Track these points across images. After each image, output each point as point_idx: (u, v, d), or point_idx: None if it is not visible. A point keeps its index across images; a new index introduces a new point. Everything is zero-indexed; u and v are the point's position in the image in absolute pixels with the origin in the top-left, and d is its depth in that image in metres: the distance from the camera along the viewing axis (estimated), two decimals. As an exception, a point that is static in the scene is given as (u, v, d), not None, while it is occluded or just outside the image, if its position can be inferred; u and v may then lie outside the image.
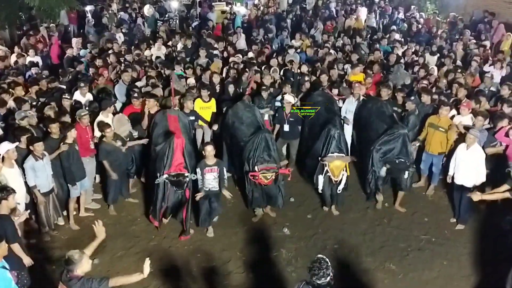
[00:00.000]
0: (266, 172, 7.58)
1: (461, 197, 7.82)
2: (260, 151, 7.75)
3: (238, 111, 8.84)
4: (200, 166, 7.40)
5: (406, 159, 7.91)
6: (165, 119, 8.45)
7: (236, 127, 8.64)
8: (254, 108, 9.07)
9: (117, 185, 8.27)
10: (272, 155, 7.82)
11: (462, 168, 7.71)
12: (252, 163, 7.70)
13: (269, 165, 7.67)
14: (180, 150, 7.35)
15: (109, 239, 7.64)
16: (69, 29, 18.23)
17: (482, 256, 7.29)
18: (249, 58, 12.62)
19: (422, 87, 9.93)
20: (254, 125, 8.60)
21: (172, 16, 19.66)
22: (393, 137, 7.97)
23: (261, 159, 7.72)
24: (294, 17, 19.61)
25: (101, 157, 7.94)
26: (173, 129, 8.12)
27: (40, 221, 7.54)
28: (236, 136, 8.56)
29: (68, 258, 4.62)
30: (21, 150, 7.12)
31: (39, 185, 7.17)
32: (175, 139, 7.35)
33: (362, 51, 13.70)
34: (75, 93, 9.64)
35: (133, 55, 12.54)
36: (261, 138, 7.80)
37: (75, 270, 4.62)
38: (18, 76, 10.54)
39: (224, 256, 7.32)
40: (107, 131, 7.86)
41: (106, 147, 7.92)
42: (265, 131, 8.07)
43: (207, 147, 7.47)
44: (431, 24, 18.29)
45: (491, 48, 15.19)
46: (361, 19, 19.22)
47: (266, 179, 7.58)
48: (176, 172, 7.30)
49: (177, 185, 7.37)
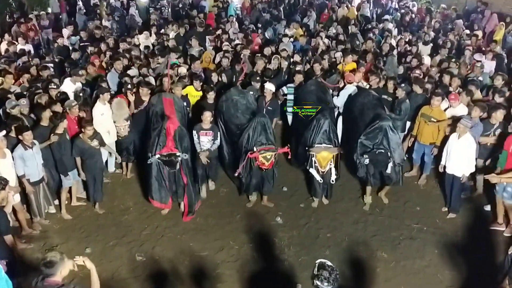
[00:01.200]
0: (265, 152, 7.54)
1: (452, 186, 7.86)
2: (257, 134, 7.74)
3: (232, 98, 8.78)
4: (196, 129, 8.05)
5: (386, 151, 7.70)
6: (160, 102, 8.54)
7: (231, 113, 8.59)
8: (247, 94, 9.05)
9: (92, 185, 7.92)
10: (269, 138, 7.80)
11: (453, 158, 7.74)
12: (250, 145, 7.70)
13: (267, 146, 7.66)
14: (171, 132, 7.41)
15: (102, 228, 7.69)
16: (60, 17, 18.03)
17: (474, 245, 7.35)
18: (238, 44, 12.54)
19: (415, 77, 9.93)
20: (249, 111, 8.61)
21: (164, 4, 19.47)
22: (373, 128, 7.82)
23: (259, 142, 7.71)
24: (287, 6, 19.47)
25: (74, 153, 7.65)
26: (168, 112, 8.15)
27: (31, 210, 7.50)
28: (231, 122, 8.52)
29: (48, 261, 4.09)
30: (11, 139, 7.06)
31: (28, 174, 7.12)
32: (167, 122, 7.43)
33: (357, 41, 13.66)
34: (64, 80, 9.53)
35: (125, 43, 12.42)
36: (257, 122, 7.77)
37: (56, 275, 4.12)
38: (10, 64, 10.43)
39: (217, 245, 7.32)
40: (88, 129, 7.60)
41: (80, 145, 7.62)
42: (261, 115, 8.04)
43: (205, 113, 8.04)
44: (424, 14, 18.27)
45: (484, 38, 15.22)
46: (354, 8, 19.18)
47: (266, 161, 7.54)
48: (168, 152, 7.41)
49: (170, 165, 7.49)
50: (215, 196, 8.62)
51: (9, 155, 6.90)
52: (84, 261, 4.37)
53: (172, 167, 7.53)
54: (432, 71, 10.75)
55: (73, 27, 15.05)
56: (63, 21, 17.63)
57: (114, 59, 10.54)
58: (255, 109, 8.76)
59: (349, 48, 12.34)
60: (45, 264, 4.09)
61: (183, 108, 8.90)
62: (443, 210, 8.19)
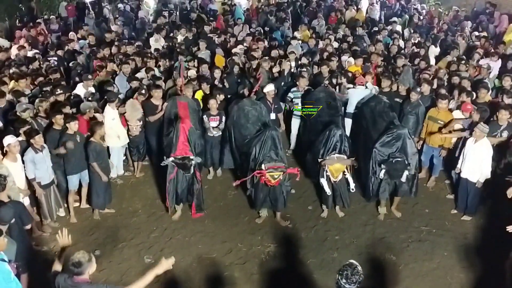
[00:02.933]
0: (274, 171, 7.23)
1: (468, 190, 7.81)
2: (267, 149, 7.45)
3: (244, 108, 8.53)
4: (206, 114, 8.81)
5: (404, 159, 7.49)
6: (175, 105, 8.65)
7: (242, 124, 8.40)
8: (260, 105, 8.75)
9: (104, 189, 7.91)
10: (279, 154, 7.51)
11: (468, 162, 7.68)
12: (259, 161, 7.40)
13: (276, 164, 7.32)
14: (184, 134, 7.47)
15: (110, 230, 7.72)
16: (68, 21, 18.17)
17: (483, 247, 7.30)
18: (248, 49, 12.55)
19: (424, 78, 9.89)
20: (260, 122, 8.38)
21: (173, 8, 19.56)
22: (391, 137, 7.59)
23: (268, 157, 7.40)
24: (297, 8, 19.42)
25: (91, 159, 7.58)
26: (183, 115, 8.21)
27: (42, 213, 7.56)
28: (241, 134, 8.36)
29: (77, 261, 4.24)
30: (21, 143, 7.12)
31: (39, 177, 7.19)
32: (180, 124, 7.48)
33: (364, 43, 13.62)
34: (77, 85, 9.62)
35: (133, 47, 12.48)
36: (267, 135, 7.49)
37: (85, 273, 4.29)
38: (21, 67, 10.54)
39: (225, 247, 7.33)
40: (99, 128, 7.62)
41: (96, 148, 7.59)
42: (272, 128, 7.76)
43: (210, 101, 8.75)
44: (433, 16, 18.20)
45: (493, 39, 15.12)
46: (363, 10, 19.14)
47: (273, 179, 7.24)
48: (182, 155, 7.43)
49: (183, 168, 7.51)
50: (223, 199, 8.64)
51: (19, 159, 6.98)
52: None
53: (186, 171, 7.56)
54: (441, 72, 10.69)
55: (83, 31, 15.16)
56: (71, 25, 17.78)
57: (122, 63, 10.60)
58: (266, 121, 8.54)
59: (358, 50, 12.28)
60: (73, 264, 4.25)
61: (198, 111, 8.97)
62: (452, 213, 8.15)
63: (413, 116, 8.88)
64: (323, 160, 7.47)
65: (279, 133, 7.75)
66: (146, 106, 8.98)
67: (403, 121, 8.90)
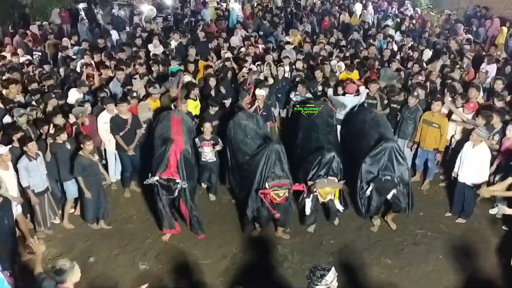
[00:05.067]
0: (278, 189, 6.84)
1: (465, 193, 7.84)
2: (271, 165, 7.00)
3: (241, 122, 8.08)
4: (199, 138, 8.22)
5: (394, 177, 7.16)
6: (168, 120, 8.10)
7: (241, 139, 7.91)
8: (256, 118, 8.38)
9: (94, 203, 7.67)
10: (284, 169, 7.09)
11: (465, 166, 7.70)
12: (263, 179, 7.00)
13: (281, 181, 6.92)
14: (175, 156, 7.07)
15: (105, 237, 7.69)
16: (62, 27, 18.15)
17: (478, 250, 7.32)
18: (242, 53, 12.55)
19: (417, 82, 9.93)
20: (259, 136, 7.92)
21: (168, 13, 19.58)
22: (378, 150, 7.24)
23: (273, 174, 6.99)
24: (289, 14, 19.50)
25: (76, 172, 7.32)
26: (175, 132, 7.76)
27: (35, 220, 7.54)
28: (241, 150, 7.85)
29: (59, 268, 4.28)
30: (14, 150, 7.11)
31: (33, 185, 7.16)
32: (172, 145, 7.11)
33: (360, 47, 13.67)
34: (70, 90, 9.59)
35: (126, 53, 12.45)
36: (271, 150, 7.02)
37: (67, 281, 4.29)
38: (14, 73, 10.51)
39: (220, 252, 7.32)
40: (87, 144, 7.32)
41: (82, 162, 7.32)
42: (275, 142, 7.32)
43: (205, 124, 8.19)
44: (425, 19, 18.30)
45: (485, 42, 15.23)
46: (357, 14, 19.25)
47: (278, 197, 6.86)
48: (168, 176, 6.98)
49: (167, 190, 7.05)
50: (218, 204, 8.63)
51: (11, 167, 6.94)
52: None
53: (169, 193, 7.09)
54: (433, 75, 10.73)
55: (77, 37, 15.13)
56: (65, 32, 17.76)
57: (116, 69, 10.57)
58: (266, 134, 8.15)
59: (348, 56, 12.30)
60: (55, 272, 4.27)
61: (192, 127, 8.60)
62: (446, 215, 8.18)
63: (412, 122, 8.90)
64: (313, 184, 7.07)
65: (282, 146, 7.25)
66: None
67: (402, 126, 8.98)
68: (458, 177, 7.89)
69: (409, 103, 8.96)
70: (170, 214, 7.38)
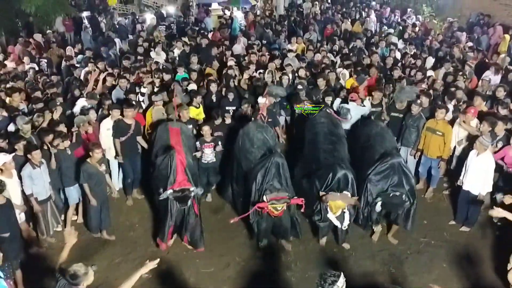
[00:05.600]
0: (276, 202, 6.73)
1: (469, 202, 7.81)
2: (270, 177, 6.94)
3: (249, 132, 7.99)
4: (200, 141, 8.44)
5: (402, 193, 7.04)
6: (166, 131, 8.06)
7: (247, 149, 7.83)
8: (267, 128, 8.23)
9: (98, 213, 7.64)
10: (282, 183, 7.01)
11: (470, 174, 7.68)
12: (260, 191, 6.93)
13: (279, 194, 6.83)
14: (181, 166, 7.07)
15: (107, 245, 7.67)
16: (66, 36, 18.25)
17: (482, 258, 7.29)
18: (245, 62, 12.58)
19: (421, 90, 9.91)
20: (265, 146, 7.83)
21: (171, 21, 19.67)
22: (385, 167, 7.12)
23: (271, 186, 6.91)
24: (292, 22, 19.54)
25: (82, 179, 7.29)
26: (174, 143, 7.68)
27: (38, 228, 7.53)
28: (246, 159, 7.78)
29: (74, 273, 4.43)
30: (18, 158, 7.12)
31: (36, 192, 7.16)
32: (176, 154, 7.07)
33: (363, 55, 13.68)
34: (79, 100, 9.60)
35: (128, 61, 12.47)
36: (271, 163, 6.99)
37: (81, 285, 4.47)
38: (17, 81, 10.55)
39: (223, 261, 7.30)
40: (96, 152, 7.29)
41: (89, 169, 7.29)
42: (277, 155, 7.22)
43: (204, 127, 8.47)
44: (428, 27, 18.32)
45: (488, 50, 15.22)
46: (360, 22, 19.28)
47: (276, 211, 6.76)
48: (181, 187, 6.96)
49: (182, 201, 7.00)
50: (220, 212, 8.61)
51: (15, 175, 6.95)
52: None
53: (183, 204, 7.04)
54: (437, 83, 10.73)
55: (81, 45, 15.21)
56: (69, 40, 17.85)
57: (119, 77, 10.60)
58: (272, 146, 7.95)
59: (351, 63, 12.31)
60: (70, 276, 4.43)
61: (191, 137, 8.55)
62: (450, 224, 8.14)
63: (415, 129, 8.88)
64: (324, 195, 6.84)
65: (284, 160, 7.20)
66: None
67: (405, 134, 8.95)
68: (462, 185, 7.86)
69: (412, 111, 8.94)
70: (171, 230, 7.31)
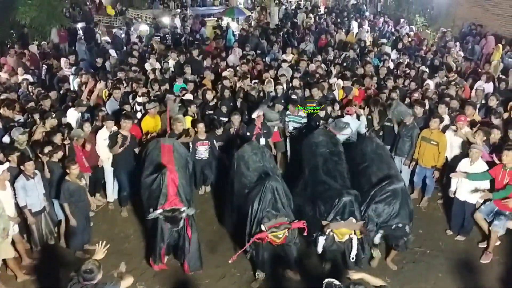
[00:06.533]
0: (276, 230, 6.26)
1: (465, 211, 7.81)
2: (265, 204, 6.48)
3: (244, 155, 7.65)
4: (194, 139, 8.67)
5: (405, 224, 6.64)
6: (158, 149, 7.72)
7: (242, 172, 7.44)
8: (263, 149, 7.96)
9: (81, 229, 7.45)
10: (279, 208, 6.53)
11: (465, 184, 7.66)
12: (257, 220, 6.46)
13: (278, 220, 6.35)
14: (173, 185, 6.70)
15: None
16: (60, 47, 18.27)
17: (477, 268, 7.28)
18: (240, 72, 12.62)
19: (415, 99, 9.96)
20: (261, 170, 7.40)
21: (166, 32, 19.75)
22: (388, 194, 6.68)
23: (268, 213, 6.43)
24: (285, 33, 19.64)
25: (62, 199, 7.11)
26: (166, 161, 7.28)
27: (32, 240, 7.48)
28: (241, 183, 7.37)
29: (89, 268, 4.70)
30: (12, 170, 7.08)
31: (30, 204, 7.12)
32: (168, 173, 6.72)
33: (356, 65, 13.76)
34: (68, 110, 9.60)
35: (123, 72, 12.47)
36: (266, 187, 6.53)
37: (95, 280, 4.73)
38: (11, 93, 10.54)
39: (218, 272, 7.26)
40: (73, 168, 7.10)
41: (70, 187, 7.10)
42: (272, 179, 6.73)
43: (199, 125, 8.72)
44: (421, 37, 18.46)
45: (480, 60, 15.35)
46: (353, 32, 19.42)
47: (278, 239, 6.30)
48: (171, 207, 6.58)
49: (172, 222, 6.63)
50: (216, 222, 8.58)
51: (8, 186, 6.91)
52: None
53: (174, 225, 6.68)
54: (429, 92, 10.81)
55: (75, 56, 15.21)
56: (64, 51, 17.87)
57: (113, 88, 10.60)
58: (269, 168, 7.53)
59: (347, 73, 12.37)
60: (85, 271, 4.69)
61: (185, 154, 8.18)
62: (447, 234, 8.14)
63: (409, 139, 8.89)
64: (327, 225, 6.37)
65: (280, 183, 6.82)
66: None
67: (399, 144, 8.97)
68: (456, 195, 7.87)
69: (405, 120, 8.98)
70: (164, 252, 7.00)
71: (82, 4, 27.88)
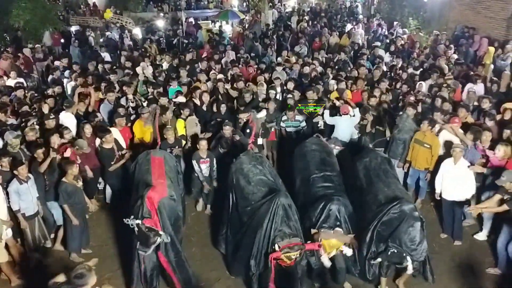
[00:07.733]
0: (290, 250, 5.93)
1: (454, 213, 7.87)
2: (278, 223, 6.09)
3: (243, 167, 7.17)
4: (195, 158, 8.31)
5: (400, 249, 6.23)
6: (148, 162, 7.28)
7: (242, 187, 6.93)
8: (262, 159, 7.51)
9: (80, 231, 7.41)
10: (292, 226, 6.18)
11: (452, 184, 7.73)
12: (270, 239, 6.10)
13: (291, 241, 6.00)
14: (154, 206, 6.21)
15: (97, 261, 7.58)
16: (53, 50, 18.23)
17: (471, 270, 7.32)
18: (235, 74, 12.63)
19: (409, 102, 9.98)
20: (265, 183, 6.94)
21: (161, 34, 19.74)
22: (396, 216, 6.28)
23: (280, 232, 6.07)
24: (280, 36, 19.69)
25: (61, 200, 7.04)
26: (157, 177, 6.90)
27: (26, 244, 7.44)
28: (242, 198, 6.89)
29: (80, 273, 4.61)
30: (4, 173, 7.05)
31: (24, 208, 7.10)
32: (149, 191, 6.22)
33: (348, 67, 13.80)
34: (61, 113, 9.57)
35: (116, 75, 12.43)
36: (277, 205, 6.13)
37: (88, 284, 4.62)
38: (3, 96, 10.50)
39: (213, 275, 7.25)
40: (71, 169, 7.08)
41: (67, 189, 7.05)
42: (282, 195, 6.33)
43: (201, 142, 8.35)
44: (414, 40, 18.54)
45: (473, 62, 15.43)
46: (347, 35, 19.47)
47: (289, 260, 5.97)
48: (151, 225, 6.08)
49: (143, 240, 6.09)
50: (210, 226, 8.56)
51: (1, 190, 6.87)
52: None
53: (144, 245, 6.10)
54: (419, 94, 10.87)
55: (68, 60, 15.17)
56: (57, 54, 17.82)
57: (107, 91, 10.57)
58: (273, 181, 7.09)
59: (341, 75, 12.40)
60: (76, 276, 4.60)
61: (176, 166, 7.88)
62: (442, 237, 8.16)
63: (401, 142, 8.96)
64: (316, 233, 6.24)
65: (289, 198, 6.42)
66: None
67: (392, 147, 9.04)
68: (443, 196, 7.93)
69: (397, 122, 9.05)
70: (143, 276, 6.48)
71: (76, 7, 27.87)
